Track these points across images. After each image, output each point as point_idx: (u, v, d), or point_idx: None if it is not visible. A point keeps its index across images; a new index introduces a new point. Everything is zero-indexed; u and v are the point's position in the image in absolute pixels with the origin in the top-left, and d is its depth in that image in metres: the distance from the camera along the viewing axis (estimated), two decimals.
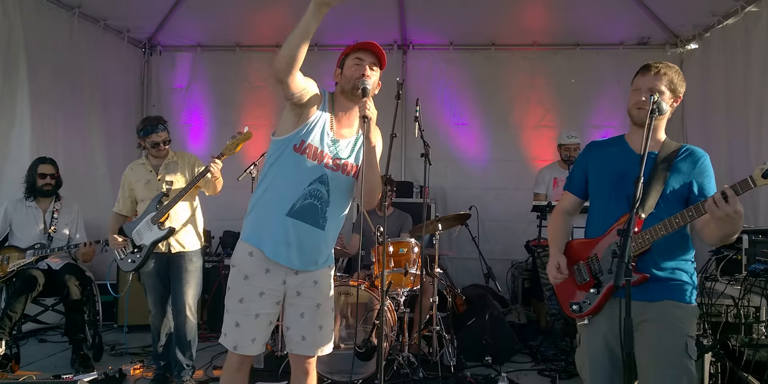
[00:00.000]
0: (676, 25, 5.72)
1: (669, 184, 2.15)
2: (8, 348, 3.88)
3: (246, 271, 2.31)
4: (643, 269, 2.11)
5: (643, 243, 2.08)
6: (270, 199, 2.31)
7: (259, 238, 2.31)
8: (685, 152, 2.20)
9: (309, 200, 2.28)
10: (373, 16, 5.95)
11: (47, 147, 4.87)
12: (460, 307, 4.88)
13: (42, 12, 4.93)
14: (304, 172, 2.28)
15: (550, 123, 6.20)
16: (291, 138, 2.28)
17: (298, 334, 2.40)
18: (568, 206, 2.46)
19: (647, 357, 2.05)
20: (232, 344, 2.32)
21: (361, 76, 2.28)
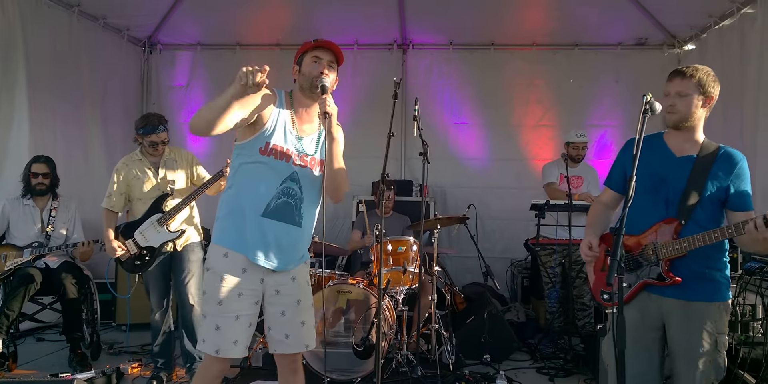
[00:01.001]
0: (673, 26, 5.75)
1: (707, 189, 2.20)
2: (6, 347, 3.87)
3: (222, 272, 2.28)
4: (676, 273, 2.21)
5: (680, 250, 2.18)
6: (243, 202, 2.30)
7: (235, 241, 2.29)
8: (723, 155, 2.24)
9: (283, 199, 2.30)
10: (373, 15, 5.96)
11: (46, 145, 4.86)
12: (459, 306, 4.90)
13: (41, 10, 4.92)
14: (274, 172, 2.30)
15: (549, 122, 6.22)
16: (254, 141, 2.30)
17: (281, 333, 2.38)
18: (608, 200, 2.55)
19: (680, 352, 2.19)
20: (213, 348, 2.26)
21: (319, 75, 2.30)
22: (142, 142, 3.69)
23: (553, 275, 4.68)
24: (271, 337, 2.41)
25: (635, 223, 2.31)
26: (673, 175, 2.23)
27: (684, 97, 2.22)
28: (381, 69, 6.30)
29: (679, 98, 2.23)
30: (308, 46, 2.37)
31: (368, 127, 6.06)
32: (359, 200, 5.74)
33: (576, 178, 4.82)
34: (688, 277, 2.20)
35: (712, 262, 2.22)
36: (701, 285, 2.20)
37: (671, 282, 2.21)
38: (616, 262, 1.90)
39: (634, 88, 5.95)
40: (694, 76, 2.22)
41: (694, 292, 2.20)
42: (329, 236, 5.79)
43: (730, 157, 2.23)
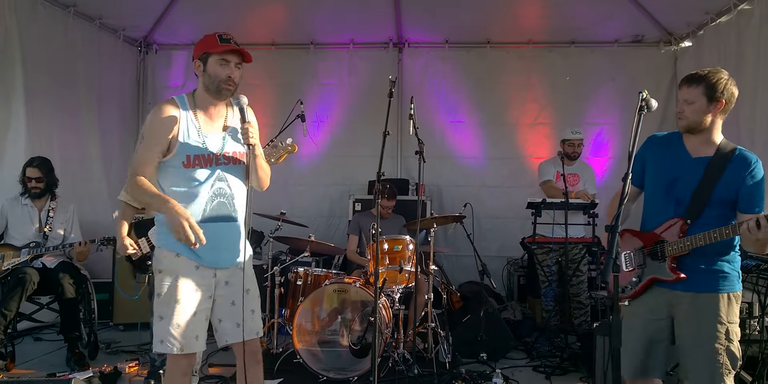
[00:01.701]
0: (669, 22, 5.74)
1: (717, 190, 2.24)
2: (3, 346, 3.88)
3: (176, 272, 2.33)
4: (683, 268, 2.28)
5: (683, 248, 2.25)
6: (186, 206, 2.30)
7: (182, 246, 2.28)
8: (736, 158, 2.26)
9: (217, 200, 2.37)
10: (369, 14, 5.96)
11: (42, 146, 4.87)
12: (456, 304, 4.91)
13: (37, 10, 4.92)
14: (200, 179, 2.34)
15: (546, 120, 6.22)
16: (175, 157, 2.33)
17: (232, 322, 2.41)
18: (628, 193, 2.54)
19: (690, 343, 2.25)
20: (177, 346, 2.30)
21: (228, 78, 2.34)
22: None
23: (549, 274, 4.68)
24: (223, 329, 2.44)
25: (650, 220, 2.42)
26: (687, 176, 2.28)
27: (691, 104, 2.25)
28: (377, 68, 6.29)
29: (687, 105, 2.27)
30: (214, 48, 2.34)
31: (364, 126, 6.07)
32: (355, 200, 5.76)
33: (572, 176, 4.83)
34: (695, 271, 2.26)
35: (720, 257, 2.27)
36: (709, 277, 2.25)
37: (675, 279, 2.27)
38: (612, 260, 1.94)
39: (630, 85, 5.95)
40: (701, 83, 2.24)
41: (701, 285, 2.25)
42: (325, 235, 5.83)
43: (744, 160, 2.26)
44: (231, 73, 2.35)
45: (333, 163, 6.27)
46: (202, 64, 2.37)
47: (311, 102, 6.09)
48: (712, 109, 2.24)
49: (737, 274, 2.28)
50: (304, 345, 3.79)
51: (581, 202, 4.56)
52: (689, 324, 2.25)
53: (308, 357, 3.76)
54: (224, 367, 4.00)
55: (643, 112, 2.12)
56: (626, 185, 2.09)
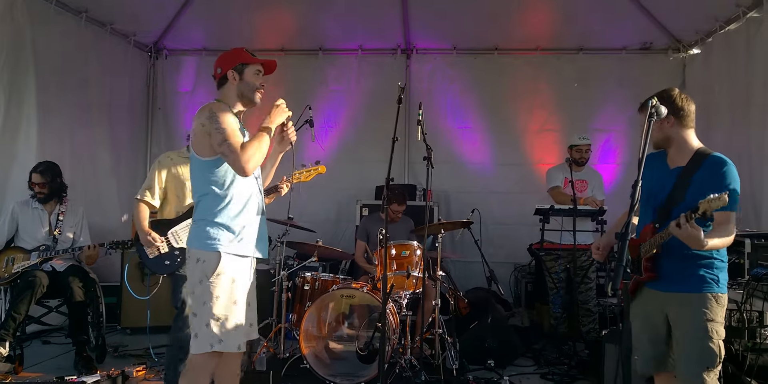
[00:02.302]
0: (678, 30, 5.73)
1: (687, 195, 2.38)
2: (12, 349, 3.89)
3: (234, 274, 2.51)
4: (659, 269, 2.46)
5: (650, 248, 2.43)
6: (245, 207, 2.55)
7: (242, 245, 2.54)
8: (707, 163, 2.41)
9: (260, 196, 2.66)
10: (377, 20, 5.99)
11: (53, 150, 4.91)
12: (463, 310, 4.88)
13: (49, 16, 4.98)
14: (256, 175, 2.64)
15: (554, 127, 6.22)
16: None
17: (248, 323, 2.62)
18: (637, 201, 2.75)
19: (678, 339, 2.41)
20: (234, 345, 2.48)
21: (261, 86, 2.65)
22: None
23: (558, 281, 4.66)
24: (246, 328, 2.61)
25: (639, 228, 2.58)
26: (663, 186, 2.46)
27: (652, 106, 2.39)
28: (385, 74, 6.32)
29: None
30: (251, 59, 2.65)
31: (372, 132, 6.09)
32: (362, 205, 5.77)
33: (580, 182, 4.82)
34: (676, 273, 2.42)
35: (696, 261, 2.40)
36: (687, 279, 2.40)
37: (646, 277, 2.48)
38: (622, 268, 1.97)
39: (638, 92, 5.87)
40: (646, 106, 2.35)
41: (681, 285, 2.41)
42: (333, 240, 5.84)
43: (714, 164, 2.39)
44: (264, 81, 2.66)
45: (341, 169, 6.26)
46: (238, 74, 2.61)
47: (320, 107, 6.13)
48: (669, 124, 2.44)
49: (716, 278, 2.40)
50: (311, 350, 3.79)
51: (589, 209, 4.55)
52: (676, 321, 2.42)
53: (315, 362, 3.76)
54: None
55: (652, 119, 2.19)
56: (635, 192, 2.15)
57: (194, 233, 2.54)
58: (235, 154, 2.40)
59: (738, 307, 3.31)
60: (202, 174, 2.52)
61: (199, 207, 2.55)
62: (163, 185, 3.58)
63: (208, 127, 2.44)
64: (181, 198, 3.58)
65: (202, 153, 2.50)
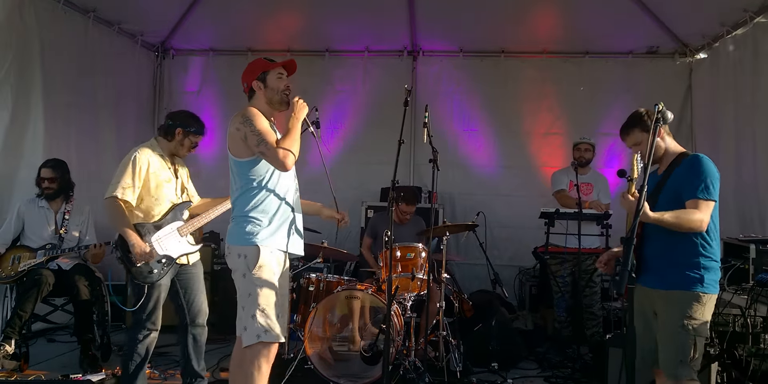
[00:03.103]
0: (685, 34, 5.73)
1: (664, 191, 2.54)
2: (18, 347, 3.90)
3: (273, 267, 2.64)
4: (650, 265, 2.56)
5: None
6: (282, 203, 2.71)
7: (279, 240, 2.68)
8: (685, 161, 2.53)
9: (297, 193, 2.82)
10: (384, 22, 6.00)
11: (60, 149, 4.93)
12: (467, 313, 4.88)
13: (57, 16, 5.00)
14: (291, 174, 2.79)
15: (559, 130, 6.22)
16: None
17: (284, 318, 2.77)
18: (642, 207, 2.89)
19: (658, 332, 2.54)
20: (278, 335, 2.62)
21: (286, 87, 2.75)
22: (181, 142, 3.40)
23: (563, 285, 4.65)
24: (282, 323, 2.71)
25: None
26: (652, 188, 2.56)
27: (639, 144, 2.59)
28: (391, 75, 6.33)
29: (638, 147, 2.59)
30: (270, 65, 2.75)
31: (377, 133, 6.10)
32: (368, 206, 5.77)
33: (586, 185, 4.81)
34: (665, 272, 2.52)
35: (680, 260, 2.50)
36: (669, 277, 2.50)
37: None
38: (627, 272, 1.99)
39: (645, 96, 5.92)
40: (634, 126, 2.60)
41: (663, 283, 2.51)
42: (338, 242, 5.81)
43: (689, 161, 2.52)
44: (288, 83, 2.76)
45: (346, 170, 6.28)
46: (261, 83, 2.74)
47: (326, 109, 6.14)
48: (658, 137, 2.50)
49: (700, 277, 2.47)
50: (316, 351, 3.80)
51: (594, 213, 4.55)
52: (659, 317, 2.54)
53: (319, 363, 3.77)
54: None
55: (659, 124, 2.19)
56: (642, 197, 2.15)
57: (233, 230, 2.68)
58: (273, 151, 2.55)
59: (742, 312, 3.31)
60: (240, 173, 2.68)
61: (237, 204, 2.71)
62: (141, 182, 3.23)
63: (243, 131, 2.59)
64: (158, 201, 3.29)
65: (238, 154, 2.66)
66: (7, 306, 4.26)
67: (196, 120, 3.53)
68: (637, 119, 2.62)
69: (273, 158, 2.58)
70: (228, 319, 4.88)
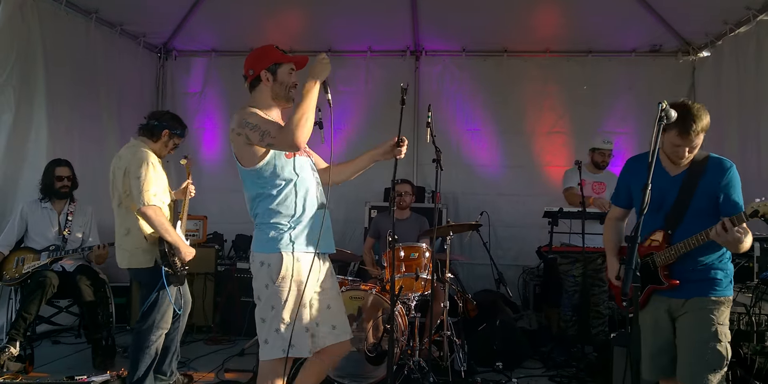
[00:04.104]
0: (688, 32, 5.71)
1: (696, 199, 2.41)
2: (22, 349, 3.91)
3: (298, 276, 2.42)
4: (675, 276, 2.46)
5: (670, 257, 2.44)
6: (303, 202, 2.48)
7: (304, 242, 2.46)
8: (712, 166, 2.43)
9: (319, 188, 2.59)
10: (386, 22, 6.00)
11: (63, 150, 4.93)
12: (471, 313, 4.88)
13: (60, 17, 5.01)
14: (306, 167, 2.54)
15: (563, 129, 6.21)
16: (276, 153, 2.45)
17: (329, 325, 2.56)
18: (618, 215, 2.81)
19: (683, 343, 2.42)
20: (307, 349, 2.42)
21: (294, 84, 2.55)
22: (167, 144, 3.52)
23: (573, 284, 4.63)
24: (320, 332, 2.54)
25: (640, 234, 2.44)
26: (665, 192, 2.46)
27: (696, 147, 2.42)
28: (394, 75, 6.32)
29: (692, 149, 2.42)
30: (284, 58, 2.53)
31: (380, 133, 6.07)
32: (371, 207, 5.77)
33: (599, 184, 4.79)
34: (687, 278, 2.43)
35: (709, 263, 2.43)
36: (702, 284, 2.42)
37: (668, 286, 2.46)
38: (632, 271, 1.98)
39: (648, 95, 5.92)
40: (700, 129, 2.36)
41: (692, 290, 2.42)
42: (341, 242, 5.83)
43: (718, 167, 2.42)
44: (297, 80, 2.54)
45: None
46: (271, 75, 2.52)
47: (327, 109, 6.12)
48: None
49: (729, 280, 2.45)
50: None
51: (598, 212, 4.53)
52: (685, 326, 2.43)
53: None
54: (240, 372, 4.01)
55: (662, 123, 2.17)
56: (645, 195, 2.12)
57: (257, 236, 2.51)
58: (278, 136, 2.32)
59: (747, 310, 3.30)
60: (252, 182, 2.48)
61: (257, 213, 2.50)
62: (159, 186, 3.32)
63: (243, 134, 2.38)
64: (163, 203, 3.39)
65: (245, 163, 2.45)
66: (11, 308, 4.27)
67: (181, 122, 3.62)
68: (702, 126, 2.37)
69: (281, 143, 2.33)
70: (231, 320, 4.91)
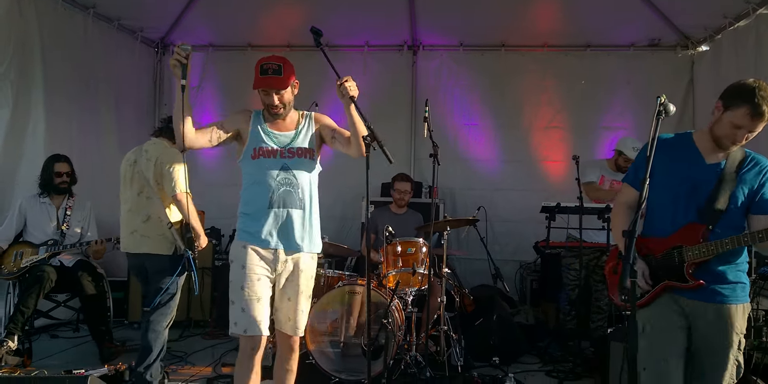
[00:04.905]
0: (687, 26, 5.69)
1: (735, 196, 2.22)
2: (20, 343, 3.93)
3: (242, 262, 2.66)
4: (699, 276, 2.22)
5: (707, 253, 2.18)
6: (253, 200, 2.70)
7: (250, 234, 2.68)
8: (750, 162, 2.26)
9: (283, 188, 2.68)
10: (384, 17, 5.97)
11: (61, 145, 4.92)
12: (468, 308, 4.89)
13: (57, 12, 5.00)
14: (266, 169, 2.67)
15: (560, 124, 6.20)
16: (246, 152, 2.72)
17: (286, 315, 2.77)
18: (630, 200, 2.43)
19: (707, 353, 2.23)
20: (242, 328, 2.61)
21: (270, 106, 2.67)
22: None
23: (575, 279, 4.63)
24: (277, 317, 2.80)
25: (661, 226, 2.33)
26: (704, 181, 2.24)
27: (754, 132, 2.20)
28: (391, 70, 6.31)
29: (750, 134, 2.21)
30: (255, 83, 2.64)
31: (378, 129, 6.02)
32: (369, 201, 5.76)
33: (618, 184, 4.75)
34: (713, 280, 2.21)
35: (735, 265, 2.24)
36: (727, 287, 2.22)
37: (694, 285, 2.21)
38: (629, 266, 1.90)
39: (646, 89, 5.90)
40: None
41: (718, 294, 2.22)
42: (338, 237, 5.83)
43: (757, 162, 2.27)
44: (271, 102, 2.65)
45: (345, 165, 6.22)
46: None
47: (325, 103, 6.11)
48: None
49: (746, 287, 2.28)
50: (317, 346, 3.81)
51: (596, 207, 4.52)
52: (709, 334, 2.22)
53: (321, 358, 3.78)
54: None
55: (661, 117, 2.06)
56: (644, 190, 2.02)
57: None
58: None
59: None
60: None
61: None
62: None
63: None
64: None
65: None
66: (9, 302, 4.28)
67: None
68: None
69: None
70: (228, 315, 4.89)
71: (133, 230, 3.50)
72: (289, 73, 2.67)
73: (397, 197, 4.87)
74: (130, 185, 3.55)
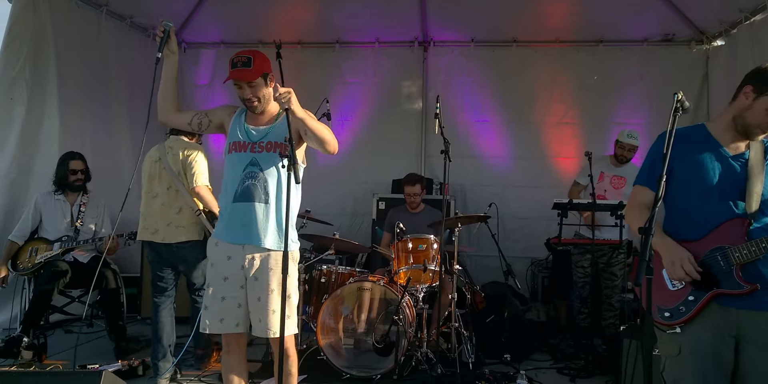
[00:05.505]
0: (701, 21, 5.61)
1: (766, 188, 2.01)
2: (36, 338, 3.98)
3: (212, 259, 2.68)
4: (751, 279, 1.95)
5: (758, 253, 1.92)
6: (221, 197, 2.72)
7: (218, 230, 2.72)
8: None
9: (248, 182, 2.62)
10: (394, 13, 5.95)
11: (75, 142, 4.98)
12: (479, 305, 4.88)
13: (71, 9, 5.04)
14: (237, 163, 2.65)
15: (572, 120, 6.15)
16: (226, 147, 2.75)
17: (256, 317, 2.63)
18: (647, 200, 2.18)
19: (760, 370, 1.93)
20: (204, 326, 2.63)
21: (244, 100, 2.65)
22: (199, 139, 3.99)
23: (583, 275, 4.60)
24: (252, 319, 2.68)
25: (690, 228, 2.08)
26: (732, 174, 2.04)
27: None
28: (402, 66, 6.30)
29: None
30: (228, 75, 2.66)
31: (389, 126, 6.08)
32: (379, 198, 5.78)
33: (618, 179, 4.72)
34: (764, 284, 1.93)
35: None
36: None
37: (749, 290, 1.93)
38: (645, 263, 1.75)
39: (660, 85, 5.84)
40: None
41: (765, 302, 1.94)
42: (349, 233, 5.85)
43: None
44: (244, 95, 2.63)
45: (357, 162, 6.28)
46: None
47: (336, 100, 6.12)
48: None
49: None
50: (328, 342, 3.82)
51: (609, 203, 4.49)
52: (760, 349, 1.92)
53: (332, 354, 3.79)
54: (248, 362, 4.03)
55: (678, 114, 1.92)
56: (660, 187, 1.85)
57: None
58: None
59: None
60: None
61: None
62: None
63: None
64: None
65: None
66: (25, 298, 4.34)
67: None
68: None
69: None
70: None
71: (169, 222, 3.67)
72: (259, 66, 2.63)
73: (409, 201, 4.86)
74: (158, 181, 3.72)
